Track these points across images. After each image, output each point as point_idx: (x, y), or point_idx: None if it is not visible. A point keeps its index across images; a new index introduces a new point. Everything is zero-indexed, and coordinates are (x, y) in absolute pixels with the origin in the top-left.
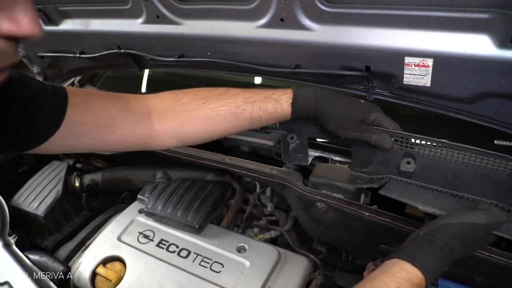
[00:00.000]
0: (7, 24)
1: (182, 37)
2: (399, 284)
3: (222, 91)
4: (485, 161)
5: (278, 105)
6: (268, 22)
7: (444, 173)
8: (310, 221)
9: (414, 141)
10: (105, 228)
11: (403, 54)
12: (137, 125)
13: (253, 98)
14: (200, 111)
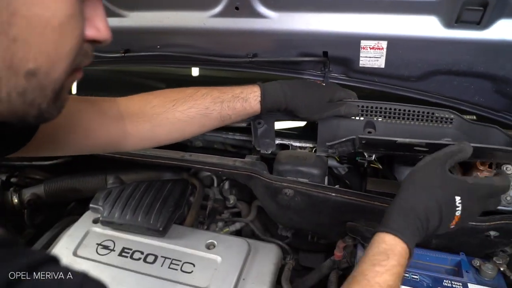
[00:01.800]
0: (91, 31)
1: (127, 30)
2: (371, 259)
3: (190, 92)
4: (432, 121)
5: (247, 104)
6: (222, 11)
7: (400, 135)
8: (278, 209)
9: (373, 108)
10: (56, 244)
11: (359, 37)
12: (111, 128)
13: (221, 98)
14: (170, 114)
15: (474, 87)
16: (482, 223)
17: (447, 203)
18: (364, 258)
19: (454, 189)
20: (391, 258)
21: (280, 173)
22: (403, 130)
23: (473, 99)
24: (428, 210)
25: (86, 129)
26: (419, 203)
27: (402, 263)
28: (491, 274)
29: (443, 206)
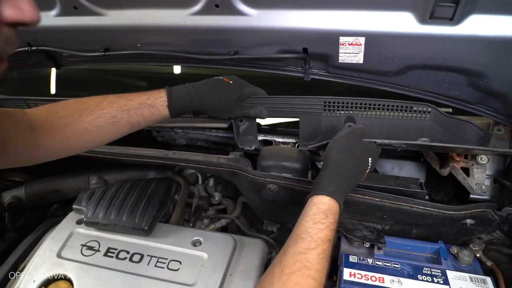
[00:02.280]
0: (12, 11)
1: (106, 29)
2: (312, 218)
3: (97, 100)
4: (410, 114)
5: (154, 109)
6: (203, 9)
7: (380, 128)
8: (263, 204)
9: (353, 104)
10: (40, 247)
11: (338, 34)
12: (24, 140)
13: (128, 105)
14: (78, 125)
15: (449, 81)
16: (459, 212)
17: (364, 165)
18: (305, 218)
19: (368, 153)
20: (329, 216)
21: (264, 169)
22: (383, 124)
23: (448, 93)
24: (352, 173)
25: (2, 141)
26: (346, 168)
27: (336, 219)
28: (468, 260)
29: (361, 167)
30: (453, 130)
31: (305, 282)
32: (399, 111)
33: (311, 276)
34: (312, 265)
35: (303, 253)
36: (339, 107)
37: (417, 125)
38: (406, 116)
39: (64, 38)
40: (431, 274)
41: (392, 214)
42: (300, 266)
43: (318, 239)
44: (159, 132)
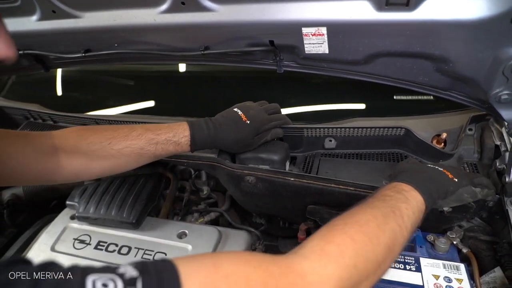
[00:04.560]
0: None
1: (83, 30)
2: (413, 211)
3: (126, 131)
4: (385, 132)
5: (179, 147)
6: (170, 7)
7: (357, 142)
8: (243, 196)
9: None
10: (36, 241)
11: (300, 25)
12: (43, 162)
13: (156, 140)
14: (105, 151)
15: (417, 67)
16: None
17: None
18: (397, 196)
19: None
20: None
21: (242, 161)
22: (358, 140)
23: (418, 79)
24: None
25: (18, 163)
26: (446, 183)
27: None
28: (444, 247)
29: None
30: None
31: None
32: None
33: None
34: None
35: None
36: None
37: (392, 137)
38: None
39: (47, 41)
40: (404, 261)
41: None
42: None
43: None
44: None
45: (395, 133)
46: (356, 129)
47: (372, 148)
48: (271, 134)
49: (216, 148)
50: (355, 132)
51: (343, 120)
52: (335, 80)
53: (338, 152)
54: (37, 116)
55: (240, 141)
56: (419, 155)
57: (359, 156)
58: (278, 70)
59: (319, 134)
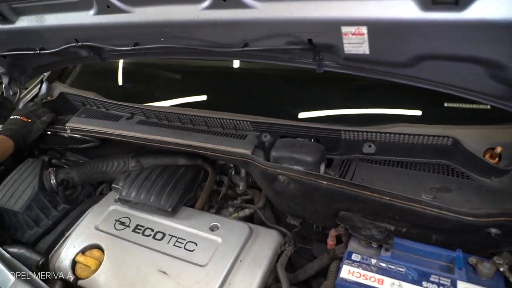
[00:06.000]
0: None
1: (133, 25)
2: None
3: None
4: (431, 140)
5: None
6: (211, 4)
7: (399, 149)
8: (275, 195)
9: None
10: (83, 219)
11: (339, 23)
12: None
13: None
14: None
15: (466, 72)
16: (480, 219)
17: None
18: None
19: None
20: None
21: (276, 160)
22: (400, 147)
23: (467, 86)
24: None
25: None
26: None
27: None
28: (487, 273)
29: None
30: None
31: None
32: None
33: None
34: None
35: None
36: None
37: (438, 147)
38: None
39: (102, 34)
40: (438, 282)
41: (405, 216)
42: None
43: None
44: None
45: (441, 142)
46: (398, 135)
47: (414, 156)
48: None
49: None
50: (396, 138)
51: (384, 125)
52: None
53: (377, 158)
54: (92, 103)
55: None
56: (468, 168)
57: (399, 164)
58: (317, 69)
59: (358, 137)
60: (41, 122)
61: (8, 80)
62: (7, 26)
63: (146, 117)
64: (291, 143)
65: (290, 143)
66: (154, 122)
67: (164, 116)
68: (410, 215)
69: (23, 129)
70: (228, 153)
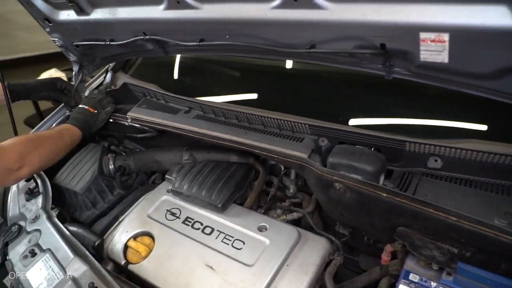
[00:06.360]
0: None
1: (201, 21)
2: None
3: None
4: (508, 160)
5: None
6: (282, 3)
7: (469, 167)
8: (329, 202)
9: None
10: (136, 206)
11: (418, 29)
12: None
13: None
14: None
15: None
16: None
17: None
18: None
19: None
20: None
21: (333, 166)
22: (470, 164)
23: None
24: None
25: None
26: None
27: None
28: None
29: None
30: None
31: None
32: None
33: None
34: None
35: None
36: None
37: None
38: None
39: (169, 29)
40: None
41: (472, 239)
42: None
43: None
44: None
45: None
46: (470, 152)
47: (486, 176)
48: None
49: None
50: (468, 155)
51: (455, 140)
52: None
53: (443, 174)
54: (153, 95)
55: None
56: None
57: (467, 183)
58: (386, 76)
59: (423, 150)
60: (105, 113)
61: (78, 68)
62: (83, 17)
63: (204, 112)
64: (350, 150)
65: (349, 150)
66: (211, 118)
67: (221, 113)
68: (478, 239)
69: (90, 119)
70: (284, 155)
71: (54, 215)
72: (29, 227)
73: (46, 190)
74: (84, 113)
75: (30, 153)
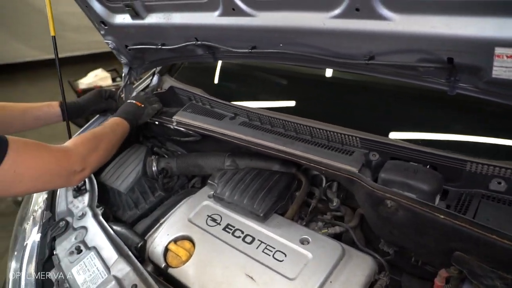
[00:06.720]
0: None
1: (255, 28)
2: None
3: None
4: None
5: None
6: (343, 12)
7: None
8: (378, 219)
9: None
10: (177, 209)
11: (493, 44)
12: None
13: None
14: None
15: None
16: None
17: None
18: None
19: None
20: None
21: (385, 183)
22: None
23: None
24: None
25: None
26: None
27: None
28: None
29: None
30: None
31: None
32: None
33: None
34: None
35: None
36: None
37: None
38: None
39: (222, 35)
40: None
41: None
42: None
43: None
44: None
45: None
46: None
47: None
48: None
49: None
50: None
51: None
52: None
53: (507, 198)
54: (198, 99)
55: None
56: None
57: None
58: (449, 91)
59: (486, 171)
60: (151, 108)
61: (127, 70)
62: (138, 21)
63: (249, 119)
64: (405, 167)
65: (403, 166)
66: (257, 125)
67: (267, 121)
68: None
69: (138, 112)
70: (334, 168)
71: (100, 213)
72: (76, 223)
73: (92, 188)
74: (132, 106)
75: (90, 154)
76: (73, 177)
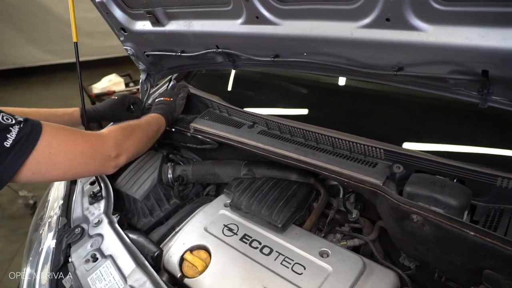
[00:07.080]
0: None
1: (279, 37)
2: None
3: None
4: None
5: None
6: (372, 22)
7: None
8: (403, 234)
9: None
10: (193, 218)
11: None
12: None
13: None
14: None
15: None
16: None
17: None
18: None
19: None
20: None
21: (411, 196)
22: None
23: None
24: None
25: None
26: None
27: None
28: None
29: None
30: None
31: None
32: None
33: None
34: None
35: None
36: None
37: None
38: None
39: (244, 43)
40: None
41: None
42: None
43: None
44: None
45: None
46: None
47: None
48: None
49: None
50: None
51: None
52: None
53: None
54: (216, 107)
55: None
56: None
57: None
58: (481, 104)
59: None
60: (180, 98)
61: (145, 77)
62: (158, 28)
63: (268, 128)
64: (432, 181)
65: (430, 180)
66: (276, 134)
67: (287, 130)
68: None
69: (170, 107)
70: (357, 180)
71: (115, 221)
72: (92, 230)
73: (108, 195)
74: (163, 103)
75: (125, 140)
76: (108, 163)
